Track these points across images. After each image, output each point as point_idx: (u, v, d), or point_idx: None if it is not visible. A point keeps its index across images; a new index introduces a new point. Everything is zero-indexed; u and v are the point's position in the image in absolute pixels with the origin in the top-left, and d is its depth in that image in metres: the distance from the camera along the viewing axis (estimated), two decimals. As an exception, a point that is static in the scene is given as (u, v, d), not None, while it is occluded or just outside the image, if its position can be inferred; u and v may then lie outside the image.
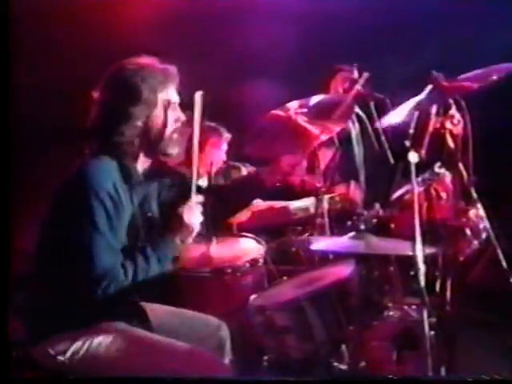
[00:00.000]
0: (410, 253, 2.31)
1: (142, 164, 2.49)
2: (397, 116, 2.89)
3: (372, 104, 4.16)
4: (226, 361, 2.61)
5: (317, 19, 4.52)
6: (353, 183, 4.31)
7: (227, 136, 3.87)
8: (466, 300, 3.07)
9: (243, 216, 3.65)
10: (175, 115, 2.50)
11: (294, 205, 3.95)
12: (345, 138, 4.40)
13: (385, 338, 2.78)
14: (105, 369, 2.33)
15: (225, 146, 3.86)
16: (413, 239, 2.41)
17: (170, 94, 2.48)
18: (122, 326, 2.41)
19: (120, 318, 2.41)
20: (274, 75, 4.48)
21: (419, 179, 2.87)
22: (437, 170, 2.89)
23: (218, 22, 4.53)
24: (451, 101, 2.65)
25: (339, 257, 2.86)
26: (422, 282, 2.28)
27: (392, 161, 4.04)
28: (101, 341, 2.34)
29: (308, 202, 3.88)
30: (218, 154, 3.85)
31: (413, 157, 2.29)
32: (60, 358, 2.34)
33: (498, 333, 3.71)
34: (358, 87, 3.99)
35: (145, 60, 2.47)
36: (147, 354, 2.35)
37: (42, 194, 2.46)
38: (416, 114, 2.55)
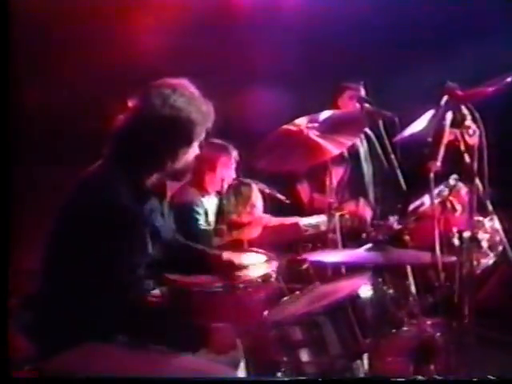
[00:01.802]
0: (428, 262, 2.27)
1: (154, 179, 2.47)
2: (413, 128, 2.87)
3: (380, 122, 4.15)
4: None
5: (324, 34, 4.55)
6: (362, 200, 4.31)
7: (236, 154, 3.86)
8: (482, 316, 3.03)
9: (254, 232, 3.61)
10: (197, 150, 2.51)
11: (305, 221, 3.92)
12: (353, 157, 4.42)
13: (401, 353, 2.73)
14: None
15: (234, 164, 3.85)
16: (429, 250, 2.39)
17: (202, 131, 2.47)
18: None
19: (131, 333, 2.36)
20: (281, 90, 4.48)
21: (435, 192, 2.84)
22: (452, 182, 2.87)
23: (224, 36, 4.54)
24: (466, 111, 2.63)
25: (353, 270, 2.82)
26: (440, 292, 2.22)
27: (401, 178, 4.02)
28: (115, 354, 2.30)
29: (319, 219, 3.85)
30: (229, 172, 3.84)
31: (433, 165, 2.26)
32: (72, 372, 2.28)
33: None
34: (366, 105, 4.03)
35: (193, 89, 2.44)
36: (161, 369, 2.31)
37: (42, 208, 2.43)
38: (435, 121, 2.52)
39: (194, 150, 2.49)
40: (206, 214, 3.78)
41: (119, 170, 2.36)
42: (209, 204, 3.84)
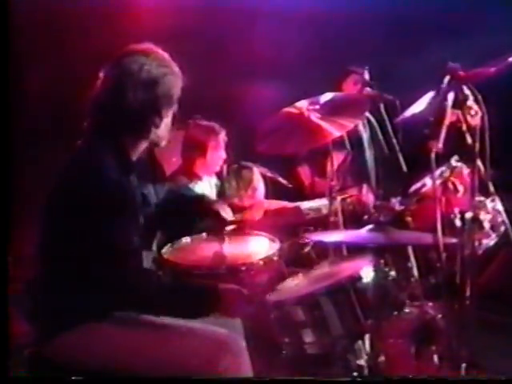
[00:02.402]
0: (430, 243, 2.26)
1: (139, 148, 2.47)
2: (414, 109, 2.86)
3: (382, 105, 4.13)
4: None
5: (326, 20, 4.52)
6: (365, 186, 4.29)
7: (223, 133, 3.83)
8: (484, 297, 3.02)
9: (256, 215, 3.60)
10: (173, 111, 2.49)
11: (306, 205, 3.90)
12: (356, 142, 4.41)
13: (403, 335, 2.73)
14: (120, 359, 2.29)
15: (223, 144, 3.82)
16: (431, 232, 2.38)
17: (178, 92, 2.45)
18: (132, 315, 2.36)
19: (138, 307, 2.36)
20: (283, 75, 4.47)
21: (437, 172, 2.83)
22: (454, 163, 2.86)
23: (226, 22, 4.52)
24: (468, 92, 2.61)
25: (355, 252, 2.82)
26: (442, 274, 2.22)
27: (403, 162, 4.01)
28: (110, 331, 2.31)
29: (320, 203, 3.83)
30: (220, 153, 3.82)
31: (434, 145, 2.25)
32: (73, 353, 2.28)
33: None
34: (367, 89, 4.01)
35: (162, 52, 2.44)
36: (159, 337, 2.32)
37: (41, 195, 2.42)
38: (436, 101, 2.50)
39: (173, 112, 2.48)
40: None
41: (103, 142, 2.35)
42: (201, 189, 3.80)
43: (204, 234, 3.19)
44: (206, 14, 4.58)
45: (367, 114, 4.35)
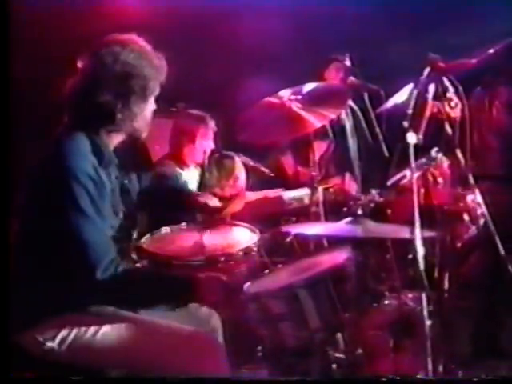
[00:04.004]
0: (408, 236, 2.23)
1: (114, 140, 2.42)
2: (396, 99, 2.83)
3: (366, 95, 4.08)
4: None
5: (312, 12, 4.50)
6: (348, 175, 4.28)
7: (212, 123, 3.80)
8: (464, 289, 3.02)
9: (237, 205, 3.55)
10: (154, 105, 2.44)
11: (288, 195, 3.86)
12: (339, 131, 4.37)
13: (381, 327, 2.72)
14: (97, 353, 2.26)
15: (211, 134, 3.79)
16: (410, 224, 2.34)
17: (156, 86, 2.40)
18: (109, 309, 2.33)
19: (109, 304, 2.32)
20: (267, 65, 4.43)
21: (417, 164, 2.79)
22: (434, 154, 2.82)
23: (210, 11, 4.48)
24: (448, 83, 2.57)
25: (334, 244, 2.78)
26: (421, 266, 2.18)
27: (386, 152, 3.97)
28: (92, 326, 2.27)
29: (302, 193, 3.80)
30: (208, 143, 3.78)
31: (411, 138, 2.21)
32: (49, 344, 2.25)
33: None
34: (351, 78, 3.97)
35: (143, 44, 2.38)
36: (135, 334, 2.28)
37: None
38: (415, 93, 2.47)
39: (150, 106, 2.43)
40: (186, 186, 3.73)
41: (79, 134, 2.30)
42: (188, 177, 3.78)
43: (184, 224, 3.13)
44: (194, 6, 4.54)
45: (351, 103, 4.32)
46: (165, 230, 3.09)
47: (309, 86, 3.23)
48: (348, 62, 4.26)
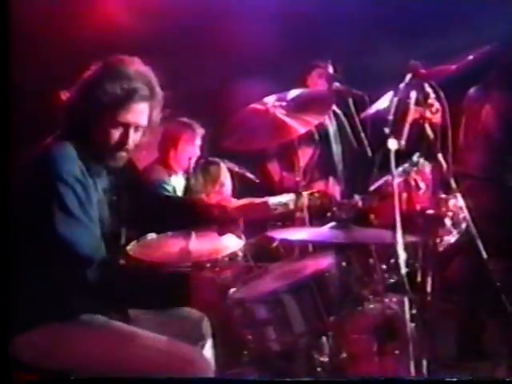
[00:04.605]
0: (391, 241, 2.24)
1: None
2: (378, 105, 2.85)
3: (350, 100, 4.10)
4: (208, 354, 2.54)
5: (295, 19, 4.54)
6: (331, 180, 4.30)
7: (201, 131, 3.80)
8: (446, 292, 3.04)
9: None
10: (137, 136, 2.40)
11: (274, 200, 3.85)
12: (323, 136, 4.39)
13: (365, 330, 2.72)
14: (82, 362, 2.25)
15: (199, 141, 3.79)
16: (393, 228, 2.35)
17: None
18: (100, 319, 2.33)
19: (98, 310, 2.33)
20: (253, 72, 4.45)
21: (399, 169, 2.81)
22: (416, 159, 2.84)
23: (197, 19, 4.49)
24: (430, 90, 2.59)
25: (319, 249, 2.79)
26: (403, 270, 2.19)
27: (370, 156, 3.99)
28: (79, 334, 2.27)
29: (287, 198, 3.78)
30: (192, 149, 3.78)
31: (392, 144, 2.22)
32: (37, 349, 2.25)
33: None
34: (336, 84, 3.99)
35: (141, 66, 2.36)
36: (124, 347, 2.27)
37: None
38: (395, 100, 2.48)
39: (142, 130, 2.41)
40: (175, 191, 3.73)
41: (68, 143, 2.30)
42: (176, 183, 3.78)
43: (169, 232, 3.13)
44: (181, 15, 4.56)
45: (335, 108, 4.34)
46: (151, 236, 3.08)
47: (293, 93, 3.24)
48: (330, 69, 4.30)
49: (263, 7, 4.58)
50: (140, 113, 2.32)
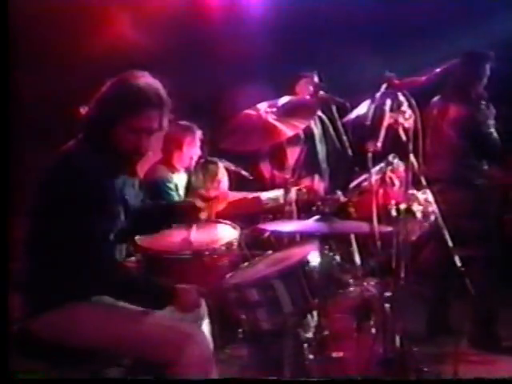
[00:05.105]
0: (369, 231, 2.28)
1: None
2: (358, 111, 2.89)
3: (334, 107, 4.13)
4: (205, 331, 2.56)
5: (286, 34, 4.62)
6: (317, 177, 4.34)
7: (199, 132, 3.84)
8: (417, 276, 3.08)
9: (220, 205, 3.59)
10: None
11: (265, 195, 3.91)
12: (309, 138, 4.43)
13: (346, 310, 2.75)
14: (94, 337, 2.29)
15: (198, 142, 3.83)
16: (370, 220, 2.39)
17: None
18: (109, 300, 2.36)
19: (107, 293, 2.35)
20: (247, 82, 4.49)
21: (376, 168, 2.85)
22: (391, 159, 2.88)
23: (196, 32, 4.51)
24: (403, 98, 2.64)
25: (305, 238, 2.82)
26: (380, 257, 2.23)
27: (351, 157, 4.02)
28: (91, 313, 2.31)
29: (278, 193, 3.84)
30: (194, 150, 3.82)
31: (370, 145, 2.26)
32: (56, 328, 2.27)
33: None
34: (320, 92, 4.02)
35: (151, 80, 2.36)
36: (131, 323, 2.31)
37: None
38: (373, 107, 2.52)
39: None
40: (177, 188, 3.76)
41: (89, 148, 2.32)
42: (178, 180, 3.81)
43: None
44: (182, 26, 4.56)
45: (320, 113, 4.38)
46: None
47: (283, 100, 3.29)
48: (316, 78, 4.34)
49: (258, 25, 4.64)
50: (152, 119, 2.33)
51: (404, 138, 2.70)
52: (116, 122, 2.29)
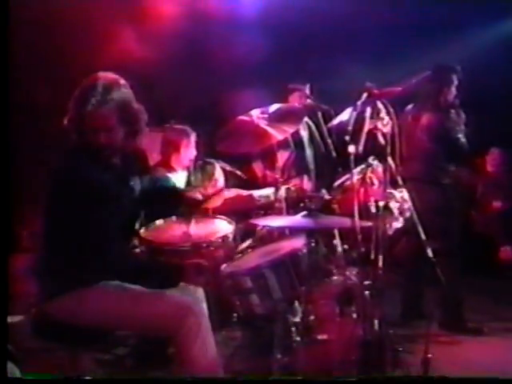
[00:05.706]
0: (351, 226, 2.25)
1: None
2: (341, 117, 2.87)
3: (319, 113, 4.12)
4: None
5: (280, 48, 4.62)
6: (305, 177, 4.32)
7: (194, 134, 3.81)
8: (394, 266, 3.06)
9: (217, 202, 3.55)
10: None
11: (258, 193, 3.87)
12: (298, 142, 4.41)
13: (330, 297, 2.74)
14: (103, 316, 2.27)
15: (193, 144, 3.80)
16: (352, 216, 2.37)
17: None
18: (114, 283, 2.34)
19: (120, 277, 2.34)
20: (241, 90, 4.47)
21: (357, 169, 2.83)
22: (371, 161, 2.87)
23: (195, 40, 4.47)
24: (381, 106, 2.62)
25: (294, 232, 2.80)
26: (360, 249, 2.20)
27: (335, 158, 3.99)
28: (100, 295, 2.29)
29: (269, 191, 3.80)
30: (191, 151, 3.78)
31: (352, 149, 2.24)
32: (69, 309, 2.25)
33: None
34: (308, 100, 4.00)
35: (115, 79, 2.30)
36: (136, 302, 2.29)
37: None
38: (354, 114, 2.50)
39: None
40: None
41: (86, 151, 2.28)
42: (177, 179, 3.77)
43: (174, 217, 3.12)
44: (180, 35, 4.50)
45: (307, 119, 4.36)
46: (159, 221, 3.08)
47: (273, 107, 3.26)
48: (307, 90, 4.32)
49: (253, 37, 4.60)
50: (108, 117, 2.25)
51: (382, 141, 2.70)
52: (85, 121, 2.23)
